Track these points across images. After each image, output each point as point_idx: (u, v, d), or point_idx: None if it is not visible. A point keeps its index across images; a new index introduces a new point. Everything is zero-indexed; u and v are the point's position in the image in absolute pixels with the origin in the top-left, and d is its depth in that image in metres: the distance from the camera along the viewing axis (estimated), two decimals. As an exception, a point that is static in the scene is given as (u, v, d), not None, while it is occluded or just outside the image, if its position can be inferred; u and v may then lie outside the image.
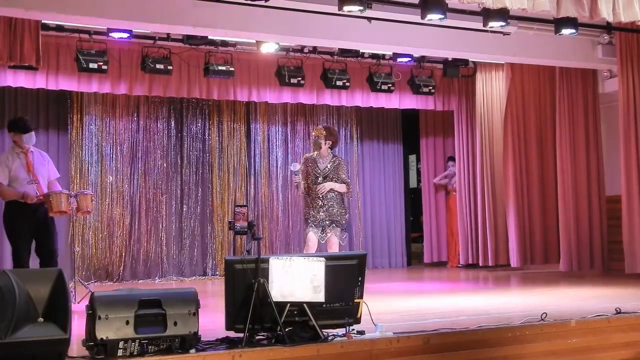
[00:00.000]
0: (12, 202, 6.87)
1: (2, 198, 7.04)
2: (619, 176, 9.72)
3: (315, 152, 7.57)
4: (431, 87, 10.84)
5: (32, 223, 6.85)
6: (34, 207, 6.85)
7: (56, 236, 7.11)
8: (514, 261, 10.62)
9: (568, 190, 10.39)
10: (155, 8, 7.86)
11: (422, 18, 7.06)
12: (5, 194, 6.92)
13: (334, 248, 7.44)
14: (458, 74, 11.08)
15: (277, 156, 11.40)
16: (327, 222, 7.40)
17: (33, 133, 7.07)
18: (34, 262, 7.02)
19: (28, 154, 7.04)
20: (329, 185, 7.48)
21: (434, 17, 7.01)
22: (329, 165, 7.53)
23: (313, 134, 7.79)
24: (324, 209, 7.40)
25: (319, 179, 7.46)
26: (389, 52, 10.21)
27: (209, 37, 9.20)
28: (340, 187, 7.55)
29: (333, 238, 7.42)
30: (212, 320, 4.99)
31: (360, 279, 4.78)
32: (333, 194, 7.46)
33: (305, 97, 10.75)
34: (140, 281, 10.16)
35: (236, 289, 4.52)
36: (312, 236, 7.39)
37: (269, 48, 9.58)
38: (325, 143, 7.56)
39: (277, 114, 11.48)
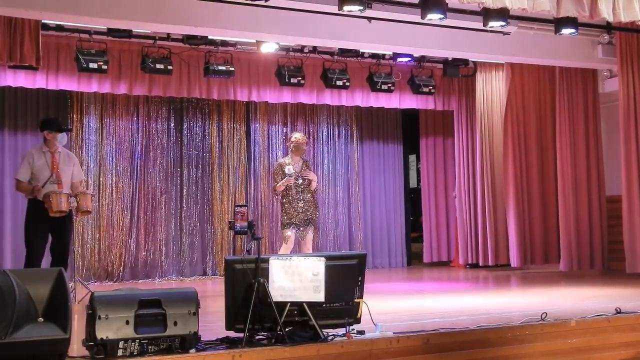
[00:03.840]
0: (33, 201, 6.94)
1: (23, 193, 7.17)
2: (619, 176, 9.72)
3: (289, 157, 8.16)
4: (431, 87, 10.84)
5: (49, 223, 6.88)
6: None
7: (70, 235, 7.16)
8: (514, 261, 10.62)
9: (568, 190, 10.39)
10: (155, 8, 7.86)
11: (422, 18, 7.06)
12: (21, 190, 7.07)
13: (310, 245, 8.09)
14: (458, 74, 11.08)
15: (277, 156, 11.37)
16: (305, 222, 8.00)
17: (66, 134, 7.15)
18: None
19: (55, 154, 7.08)
20: (313, 175, 8.31)
21: (434, 17, 7.02)
22: (302, 167, 8.12)
23: (298, 139, 8.21)
24: (304, 209, 7.99)
25: (299, 180, 8.03)
26: (389, 52, 10.21)
27: (209, 37, 9.20)
28: (315, 180, 8.31)
29: (309, 236, 8.04)
30: (212, 320, 4.99)
31: (360, 278, 4.78)
32: (310, 196, 8.08)
33: (305, 97, 10.75)
34: (140, 281, 10.15)
35: (236, 289, 4.52)
36: (292, 236, 7.99)
37: (269, 48, 9.58)
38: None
39: (277, 114, 11.48)
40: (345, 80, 10.20)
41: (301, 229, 7.98)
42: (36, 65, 8.03)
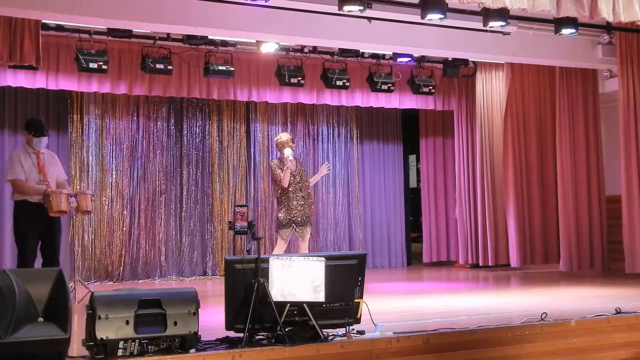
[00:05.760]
0: (22, 202, 6.89)
1: (25, 194, 6.97)
2: (619, 176, 9.72)
3: (288, 155, 8.03)
4: (431, 87, 10.84)
5: (40, 223, 6.87)
6: (42, 207, 6.86)
7: (60, 235, 7.15)
8: (514, 261, 10.62)
9: (568, 190, 10.39)
10: (155, 8, 7.86)
11: (422, 18, 7.06)
12: (28, 191, 6.93)
13: (307, 245, 8.08)
14: (458, 74, 11.07)
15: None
16: (302, 221, 7.96)
17: (46, 138, 7.12)
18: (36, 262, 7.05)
19: (40, 155, 7.08)
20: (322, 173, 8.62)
21: (434, 17, 7.02)
22: (298, 166, 8.14)
23: (285, 139, 8.25)
24: (302, 206, 7.98)
25: (297, 178, 8.02)
26: (389, 52, 10.21)
27: (209, 37, 9.19)
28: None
29: (307, 235, 8.03)
30: (212, 320, 5.00)
31: (360, 278, 4.79)
32: (307, 193, 8.07)
33: (305, 97, 10.75)
34: (140, 281, 10.15)
35: (236, 289, 4.52)
36: (288, 236, 7.95)
37: (269, 48, 9.58)
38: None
39: (277, 114, 11.48)
40: (345, 80, 10.20)
41: (300, 227, 7.97)
42: (36, 65, 8.02)
